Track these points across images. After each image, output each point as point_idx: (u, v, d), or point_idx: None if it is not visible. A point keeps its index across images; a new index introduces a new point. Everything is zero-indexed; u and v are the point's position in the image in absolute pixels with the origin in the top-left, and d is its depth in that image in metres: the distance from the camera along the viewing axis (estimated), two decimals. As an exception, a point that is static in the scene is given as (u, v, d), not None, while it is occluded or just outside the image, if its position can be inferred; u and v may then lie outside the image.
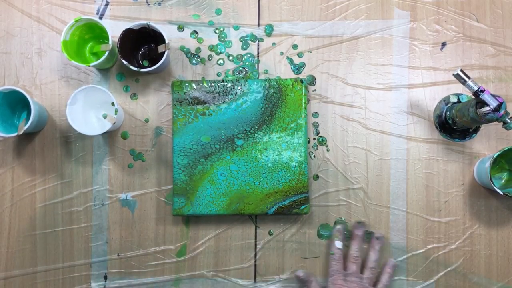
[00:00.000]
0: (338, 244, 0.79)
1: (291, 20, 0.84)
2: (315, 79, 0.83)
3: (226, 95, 0.80)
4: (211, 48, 0.84)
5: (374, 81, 0.83)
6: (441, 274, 0.81)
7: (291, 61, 0.84)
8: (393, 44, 0.83)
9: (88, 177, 0.83)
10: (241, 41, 0.84)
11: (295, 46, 0.84)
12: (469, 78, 0.69)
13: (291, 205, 0.79)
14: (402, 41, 0.83)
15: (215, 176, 0.80)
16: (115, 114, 0.77)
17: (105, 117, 0.82)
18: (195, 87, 0.81)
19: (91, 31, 0.81)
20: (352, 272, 0.77)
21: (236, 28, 0.84)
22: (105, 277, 0.83)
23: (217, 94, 0.81)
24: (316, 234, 0.82)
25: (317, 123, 0.83)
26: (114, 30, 0.83)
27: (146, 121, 0.84)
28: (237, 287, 0.82)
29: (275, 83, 0.80)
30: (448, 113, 0.80)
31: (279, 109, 0.80)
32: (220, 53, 0.84)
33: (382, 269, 0.79)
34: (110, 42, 0.78)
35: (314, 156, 0.83)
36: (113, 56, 0.81)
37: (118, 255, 0.83)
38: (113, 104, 0.77)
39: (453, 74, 0.70)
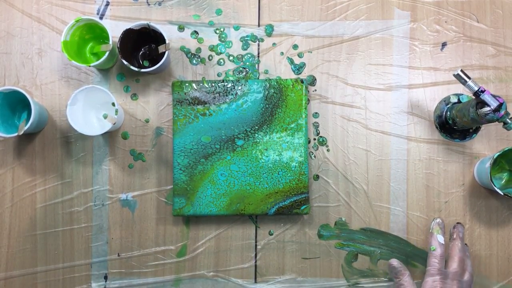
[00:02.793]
0: (441, 238, 0.69)
1: (291, 20, 0.84)
2: (316, 79, 0.84)
3: (227, 95, 0.80)
4: (212, 48, 0.84)
5: (374, 81, 0.83)
6: (441, 274, 0.81)
7: (291, 61, 0.84)
8: (393, 44, 0.83)
9: (89, 177, 0.83)
10: (241, 41, 0.84)
11: (295, 46, 0.84)
12: (469, 78, 0.69)
13: (291, 205, 0.79)
14: (402, 41, 0.83)
15: (216, 176, 0.80)
16: (116, 114, 0.77)
17: (105, 117, 0.82)
18: (195, 87, 0.81)
19: (92, 31, 0.81)
20: (455, 272, 0.69)
21: (237, 28, 0.84)
22: (106, 277, 0.83)
23: (218, 94, 0.81)
24: (316, 234, 0.82)
25: (318, 123, 0.83)
26: (115, 30, 0.83)
27: (147, 121, 0.84)
28: (237, 287, 0.82)
29: (275, 83, 0.80)
30: (448, 113, 0.80)
31: (280, 109, 0.80)
32: (221, 53, 0.84)
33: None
34: (110, 42, 0.78)
35: (315, 156, 0.83)
36: (113, 56, 0.81)
37: (118, 255, 0.83)
38: (113, 104, 0.77)
39: (454, 75, 0.70)
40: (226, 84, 0.81)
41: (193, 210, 0.80)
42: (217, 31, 0.84)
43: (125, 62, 0.78)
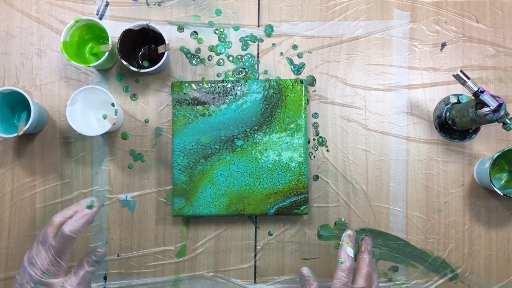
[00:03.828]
0: (350, 251, 0.67)
1: (291, 21, 0.84)
2: (315, 80, 0.84)
3: (226, 96, 0.80)
4: (211, 48, 0.84)
5: (374, 82, 0.83)
6: (440, 274, 0.81)
7: (291, 61, 0.84)
8: (393, 44, 0.83)
9: (88, 178, 0.83)
10: (241, 41, 0.84)
11: (295, 47, 0.84)
12: (469, 78, 0.69)
13: (291, 206, 0.79)
14: (402, 41, 0.83)
15: (215, 176, 0.80)
16: (115, 114, 0.77)
17: (105, 117, 0.82)
18: (195, 88, 0.81)
19: (91, 32, 0.81)
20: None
21: (236, 28, 0.84)
22: (105, 278, 0.83)
23: (217, 95, 0.81)
24: (316, 234, 0.82)
25: (317, 123, 0.83)
26: (114, 30, 0.83)
27: (146, 121, 0.84)
28: (237, 288, 0.83)
29: (275, 84, 0.80)
30: (448, 113, 0.80)
31: (279, 110, 0.80)
32: (220, 53, 0.84)
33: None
34: (110, 42, 0.78)
35: (314, 157, 0.83)
36: (113, 57, 0.81)
37: (118, 256, 0.83)
38: (113, 104, 0.77)
39: (453, 75, 0.70)
40: (225, 84, 0.81)
41: (193, 210, 0.80)
42: (217, 32, 0.84)
43: (125, 63, 0.78)
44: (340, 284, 0.65)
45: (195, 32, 0.84)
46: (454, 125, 0.79)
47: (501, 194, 0.75)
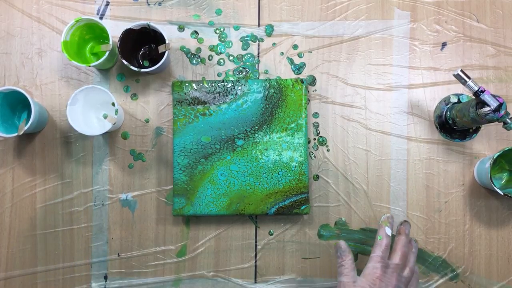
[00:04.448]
0: (388, 231, 0.72)
1: (291, 20, 0.84)
2: (315, 79, 0.84)
3: (227, 95, 0.80)
4: (212, 48, 0.84)
5: (374, 81, 0.83)
6: (441, 274, 0.81)
7: (291, 61, 0.84)
8: (393, 44, 0.83)
9: (88, 177, 0.83)
10: (241, 41, 0.84)
11: (295, 46, 0.84)
12: (469, 78, 0.69)
13: (291, 205, 0.79)
14: (402, 41, 0.83)
15: (216, 176, 0.80)
16: (116, 114, 0.77)
17: (105, 117, 0.82)
18: (195, 87, 0.81)
19: (92, 31, 0.81)
20: (396, 264, 0.70)
21: (237, 28, 0.84)
22: (105, 277, 0.83)
23: (218, 94, 0.81)
24: (316, 234, 0.82)
25: (318, 123, 0.83)
26: (115, 30, 0.83)
27: (147, 121, 0.84)
28: (237, 287, 0.82)
29: (275, 83, 0.80)
30: (448, 113, 0.80)
31: (280, 109, 0.80)
32: (221, 53, 0.84)
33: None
34: (110, 42, 0.78)
35: (315, 156, 0.83)
36: (113, 56, 0.81)
37: (118, 255, 0.83)
38: (113, 104, 0.77)
39: (454, 75, 0.70)
40: (226, 84, 0.81)
41: (193, 210, 0.80)
42: (217, 31, 0.84)
43: (125, 62, 0.78)
44: (377, 257, 0.70)
45: (196, 32, 0.85)
46: (455, 124, 0.79)
47: (502, 193, 0.75)
